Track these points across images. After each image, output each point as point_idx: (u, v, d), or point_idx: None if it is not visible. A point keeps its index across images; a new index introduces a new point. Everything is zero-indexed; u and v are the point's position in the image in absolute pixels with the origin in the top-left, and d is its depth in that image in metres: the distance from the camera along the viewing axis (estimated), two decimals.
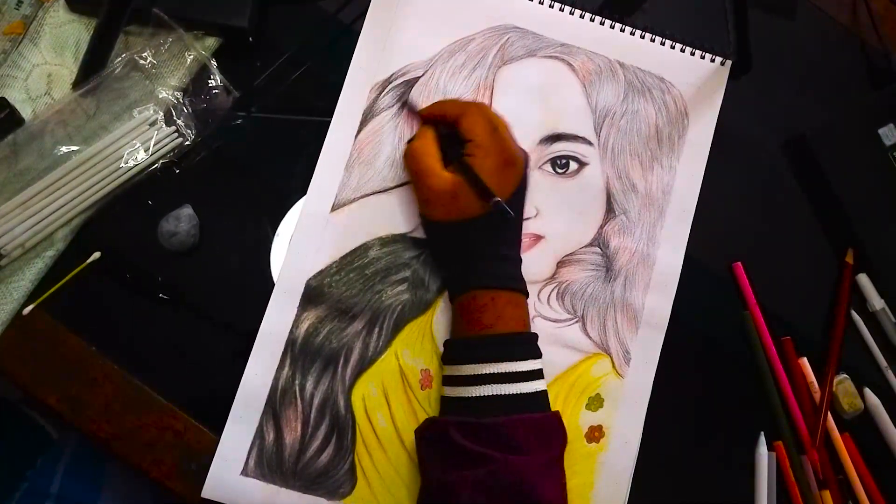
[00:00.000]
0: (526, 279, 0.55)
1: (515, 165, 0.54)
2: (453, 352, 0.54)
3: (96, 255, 0.56)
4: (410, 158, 0.55)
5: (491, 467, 0.47)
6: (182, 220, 0.56)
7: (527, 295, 0.54)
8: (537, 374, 0.52)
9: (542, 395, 0.52)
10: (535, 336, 0.54)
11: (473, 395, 0.50)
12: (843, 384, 0.59)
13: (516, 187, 0.54)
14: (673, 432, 0.57)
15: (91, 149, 0.56)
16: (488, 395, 0.50)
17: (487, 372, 0.50)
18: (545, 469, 0.49)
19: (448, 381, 0.53)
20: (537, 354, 0.53)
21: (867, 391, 0.59)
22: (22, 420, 0.71)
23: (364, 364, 0.56)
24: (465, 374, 0.51)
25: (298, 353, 0.56)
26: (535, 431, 0.49)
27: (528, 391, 0.51)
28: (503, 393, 0.50)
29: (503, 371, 0.50)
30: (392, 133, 0.59)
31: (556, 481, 0.50)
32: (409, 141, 0.57)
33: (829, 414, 0.58)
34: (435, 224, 0.55)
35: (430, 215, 0.55)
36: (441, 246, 0.56)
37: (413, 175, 0.55)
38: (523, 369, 0.51)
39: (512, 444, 0.48)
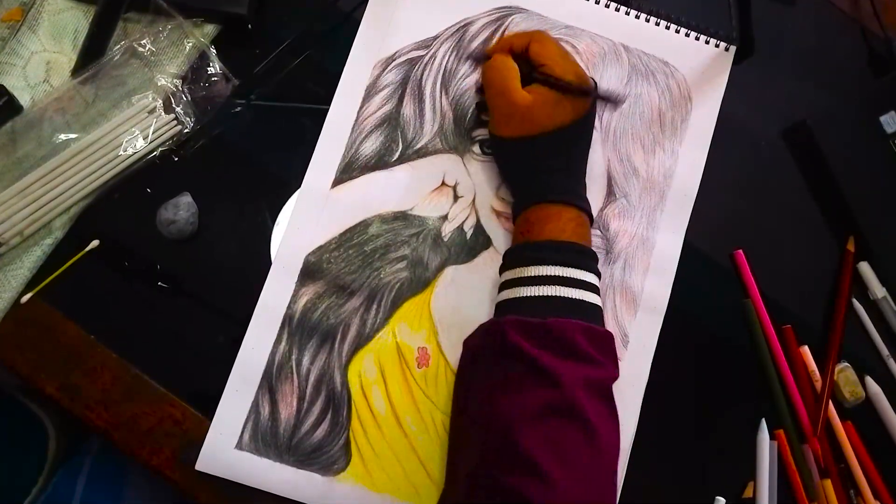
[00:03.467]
0: None
1: (587, 84, 0.54)
2: (515, 254, 0.53)
3: (95, 243, 0.56)
4: (492, 75, 0.55)
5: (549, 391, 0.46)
6: (181, 208, 0.56)
7: (591, 218, 0.54)
8: (597, 290, 0.51)
9: (601, 311, 0.51)
10: (597, 256, 0.53)
11: (535, 294, 0.49)
12: (844, 372, 0.58)
13: (588, 107, 0.54)
14: (672, 420, 0.57)
15: (89, 136, 0.56)
16: (551, 296, 0.49)
17: (552, 273, 0.49)
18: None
19: (505, 285, 0.52)
20: (598, 273, 0.52)
21: (868, 379, 0.59)
22: (17, 409, 0.71)
23: (361, 341, 0.56)
24: (527, 276, 0.50)
25: (296, 328, 0.56)
26: (596, 342, 0.48)
27: (590, 301, 0.50)
28: (567, 296, 0.49)
29: (569, 275, 0.49)
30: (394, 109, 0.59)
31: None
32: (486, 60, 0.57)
33: (830, 402, 0.58)
34: (508, 141, 0.54)
35: (504, 132, 0.54)
36: (511, 162, 0.56)
37: (493, 92, 0.54)
38: (587, 279, 0.50)
39: (574, 351, 0.47)
